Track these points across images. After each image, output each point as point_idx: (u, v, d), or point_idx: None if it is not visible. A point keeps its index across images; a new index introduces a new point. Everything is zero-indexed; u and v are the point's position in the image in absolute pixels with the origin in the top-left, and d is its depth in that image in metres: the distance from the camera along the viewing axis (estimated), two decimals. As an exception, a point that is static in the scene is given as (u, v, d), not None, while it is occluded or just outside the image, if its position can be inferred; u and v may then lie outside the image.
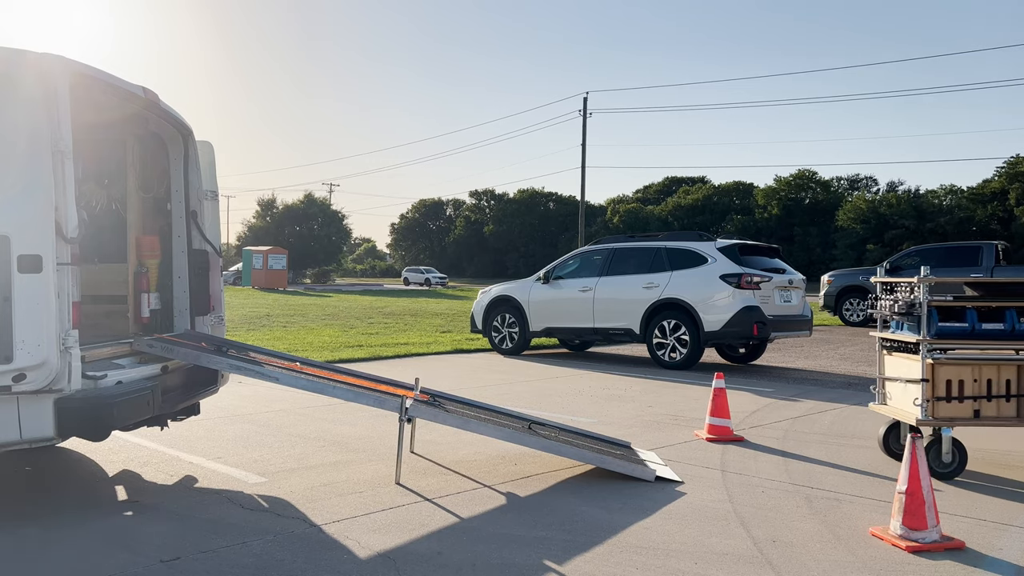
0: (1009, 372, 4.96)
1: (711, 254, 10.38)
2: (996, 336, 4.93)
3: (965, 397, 4.94)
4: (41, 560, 3.48)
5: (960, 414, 4.95)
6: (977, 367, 4.96)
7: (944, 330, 4.92)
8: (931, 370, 4.92)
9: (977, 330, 4.93)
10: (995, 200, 56.32)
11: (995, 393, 4.95)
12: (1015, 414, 4.96)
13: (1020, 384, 4.95)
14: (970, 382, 4.95)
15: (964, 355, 4.96)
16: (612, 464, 4.94)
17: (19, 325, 3.67)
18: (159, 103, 4.96)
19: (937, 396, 4.93)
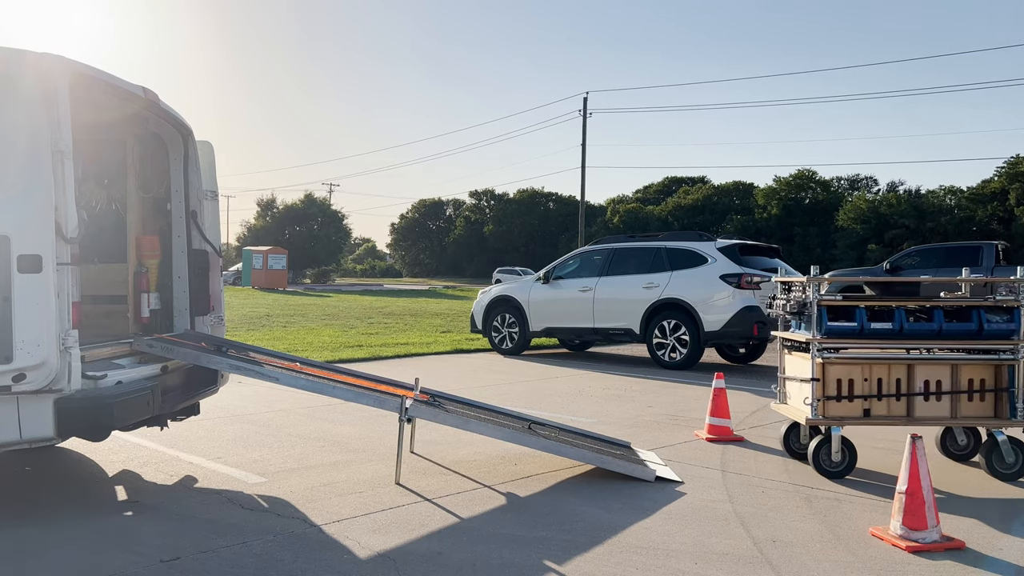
0: (899, 371, 4.96)
1: (711, 254, 10.38)
2: (885, 335, 4.93)
3: (855, 396, 4.95)
4: (41, 560, 3.48)
5: (850, 413, 4.95)
6: (867, 366, 4.96)
7: (833, 329, 4.92)
8: (821, 369, 4.92)
9: (866, 329, 4.93)
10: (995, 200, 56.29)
11: (885, 392, 4.95)
12: (905, 413, 4.97)
13: (911, 383, 4.96)
14: (860, 381, 4.95)
15: (854, 354, 4.96)
16: (612, 464, 4.94)
17: (19, 325, 3.67)
18: (159, 103, 4.96)
19: (827, 395, 4.93)
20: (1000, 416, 4.96)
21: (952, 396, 4.96)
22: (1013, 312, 4.94)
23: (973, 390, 4.96)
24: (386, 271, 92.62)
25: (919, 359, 5.00)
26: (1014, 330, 4.92)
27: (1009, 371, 4.93)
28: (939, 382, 4.97)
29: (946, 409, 4.98)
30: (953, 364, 4.97)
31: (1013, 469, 4.92)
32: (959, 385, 4.96)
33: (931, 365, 4.98)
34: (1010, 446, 4.92)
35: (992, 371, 4.98)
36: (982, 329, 4.91)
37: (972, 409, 4.99)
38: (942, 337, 4.93)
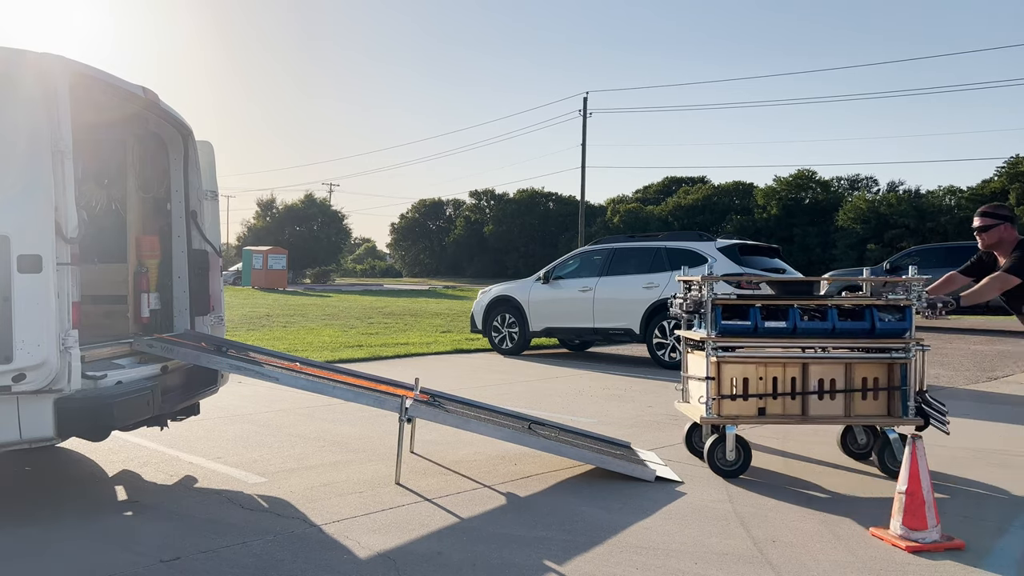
0: (794, 370, 4.95)
1: (711, 254, 10.38)
2: (779, 334, 4.93)
3: (750, 395, 4.95)
4: (41, 560, 3.48)
5: (745, 412, 4.95)
6: (762, 365, 4.96)
7: (728, 328, 4.92)
8: (716, 368, 4.91)
9: (760, 328, 4.92)
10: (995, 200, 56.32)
11: (781, 391, 4.95)
12: (800, 412, 4.97)
13: (806, 382, 4.95)
14: (755, 380, 4.95)
15: (749, 353, 4.95)
16: (612, 464, 4.94)
17: (19, 325, 3.67)
18: (159, 103, 4.96)
19: (722, 394, 4.93)
20: (893, 414, 4.96)
21: (846, 395, 4.96)
22: (905, 311, 4.94)
23: (867, 389, 4.96)
24: (386, 271, 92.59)
25: (813, 358, 4.98)
26: (906, 329, 4.92)
27: (901, 370, 4.93)
28: (833, 381, 4.96)
29: (840, 408, 4.97)
30: (847, 363, 4.96)
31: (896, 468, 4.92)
32: (853, 384, 4.95)
33: (825, 364, 4.97)
34: (901, 444, 4.91)
35: (885, 370, 4.97)
36: (875, 328, 4.91)
37: (866, 408, 4.98)
38: (836, 336, 4.93)
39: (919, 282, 4.97)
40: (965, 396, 8.38)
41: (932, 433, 5.54)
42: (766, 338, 4.95)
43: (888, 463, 4.96)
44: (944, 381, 9.49)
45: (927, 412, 4.97)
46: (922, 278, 5.00)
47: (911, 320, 4.94)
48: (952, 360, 11.61)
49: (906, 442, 3.80)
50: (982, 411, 7.42)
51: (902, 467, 3.77)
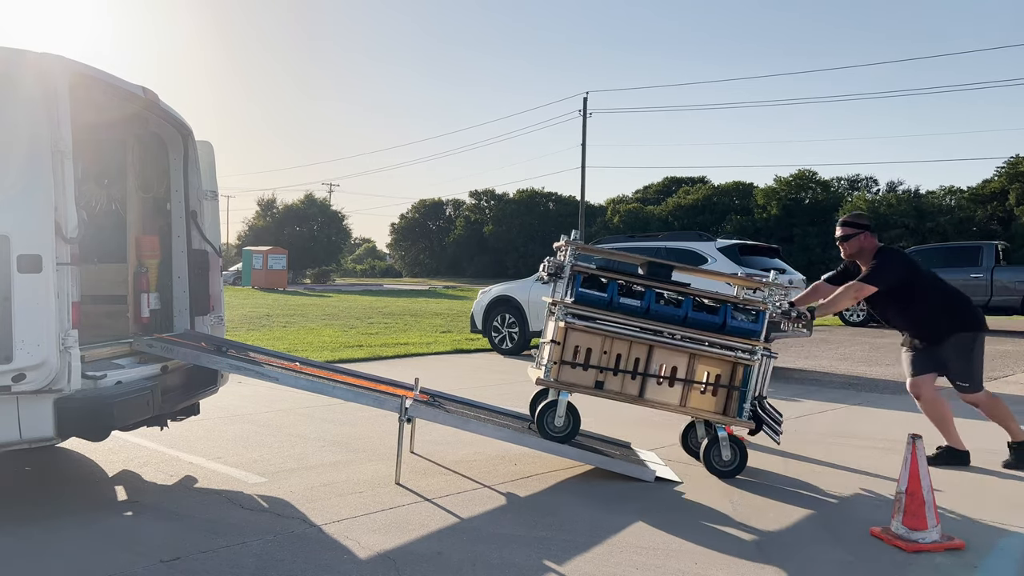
0: (640, 351, 4.93)
1: (711, 254, 10.38)
2: (631, 311, 4.91)
3: (591, 366, 4.92)
4: (41, 560, 3.48)
5: (582, 382, 4.94)
6: (610, 340, 4.92)
7: (583, 296, 4.91)
8: (563, 333, 4.90)
9: (615, 303, 4.91)
10: (995, 200, 56.28)
11: (622, 368, 4.93)
12: (638, 394, 4.95)
13: (649, 364, 4.93)
14: (599, 353, 4.93)
15: (600, 326, 4.92)
16: (612, 464, 4.94)
17: (19, 325, 3.67)
18: (159, 103, 4.96)
19: (564, 360, 4.91)
20: (728, 414, 4.94)
21: (685, 385, 4.94)
22: (759, 314, 4.93)
23: (707, 383, 4.94)
24: (386, 271, 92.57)
25: (660, 342, 4.93)
26: (756, 331, 4.91)
27: (745, 371, 4.90)
28: (675, 368, 4.94)
29: (677, 397, 4.94)
30: (692, 354, 4.93)
31: (730, 467, 4.92)
32: (694, 376, 4.94)
33: (671, 351, 4.94)
34: (729, 443, 4.91)
35: (729, 368, 4.94)
36: (725, 324, 4.90)
37: (702, 402, 4.97)
38: (687, 325, 4.92)
39: (778, 288, 4.94)
40: (965, 396, 8.37)
41: (932, 433, 5.54)
42: (619, 313, 4.91)
43: (714, 461, 4.93)
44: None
45: (762, 418, 4.95)
46: (782, 283, 4.98)
47: (763, 324, 4.90)
48: (952, 360, 11.60)
49: (907, 443, 3.80)
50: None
51: (902, 467, 3.77)
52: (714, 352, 4.92)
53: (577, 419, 4.97)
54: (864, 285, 5.14)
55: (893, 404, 7.85)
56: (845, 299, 5.23)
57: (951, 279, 20.06)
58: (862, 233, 5.25)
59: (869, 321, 18.01)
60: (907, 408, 7.61)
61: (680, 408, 4.97)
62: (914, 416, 7.17)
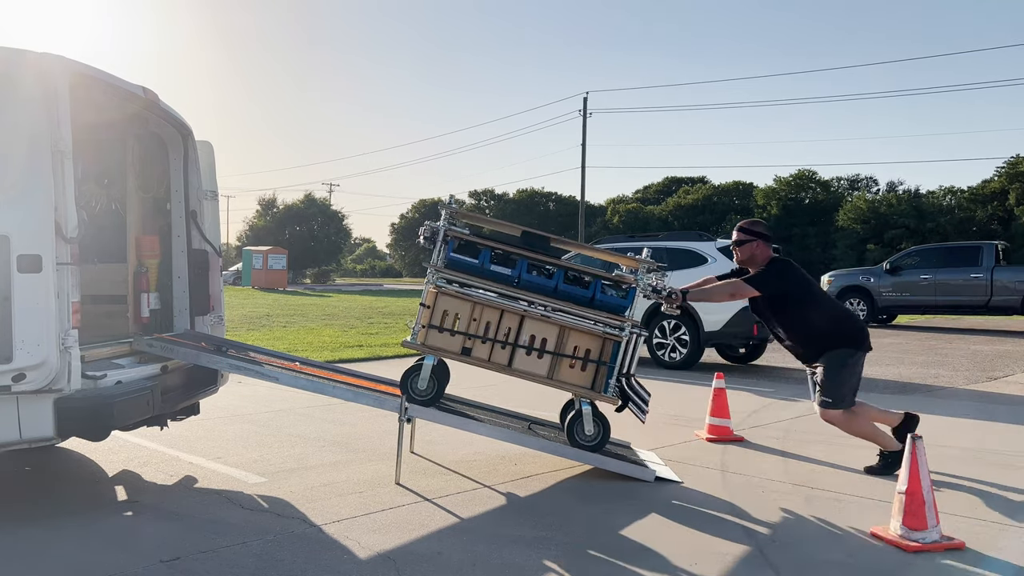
0: (511, 321, 4.89)
1: (711, 254, 10.38)
2: (503, 280, 4.89)
3: (458, 332, 4.90)
4: (41, 560, 3.48)
5: (449, 347, 4.91)
6: (480, 307, 4.90)
7: (455, 260, 4.90)
8: (433, 297, 4.89)
9: (486, 269, 4.89)
10: (995, 200, 56.28)
11: (491, 336, 4.89)
12: (507, 363, 4.90)
13: (519, 335, 4.89)
14: (468, 319, 4.90)
15: (470, 292, 4.89)
16: (612, 464, 4.94)
17: (19, 325, 3.67)
18: (159, 103, 4.96)
19: (432, 324, 4.89)
20: (596, 389, 4.90)
21: (554, 358, 4.89)
22: (630, 291, 4.90)
23: (576, 357, 4.90)
24: (386, 271, 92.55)
25: (531, 313, 4.89)
26: (625, 307, 4.88)
27: (614, 347, 4.86)
28: (544, 340, 4.90)
29: (545, 369, 4.90)
30: (562, 327, 4.89)
31: (592, 442, 4.90)
32: (563, 349, 4.89)
33: (542, 323, 4.89)
34: (592, 418, 4.90)
35: (599, 343, 4.90)
36: (594, 299, 4.88)
37: (570, 376, 4.92)
38: (557, 297, 4.88)
39: (649, 264, 4.91)
40: (965, 396, 8.38)
41: (932, 433, 5.56)
42: (491, 281, 4.88)
43: (577, 435, 4.91)
44: (944, 381, 9.49)
45: (628, 395, 4.92)
46: (652, 262, 4.94)
47: (632, 300, 4.88)
48: (952, 360, 11.61)
49: (906, 443, 3.80)
50: (982, 411, 7.42)
51: (902, 467, 3.77)
52: (584, 326, 4.87)
53: (441, 383, 4.94)
54: (744, 285, 5.13)
55: (893, 404, 7.83)
56: (721, 293, 5.25)
57: (951, 279, 19.94)
58: (756, 241, 5.20)
59: (869, 321, 18.01)
60: (907, 408, 7.61)
61: (548, 380, 4.91)
62: (914, 416, 7.18)
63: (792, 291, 5.13)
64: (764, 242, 5.22)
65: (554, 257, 4.98)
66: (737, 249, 5.27)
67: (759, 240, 5.21)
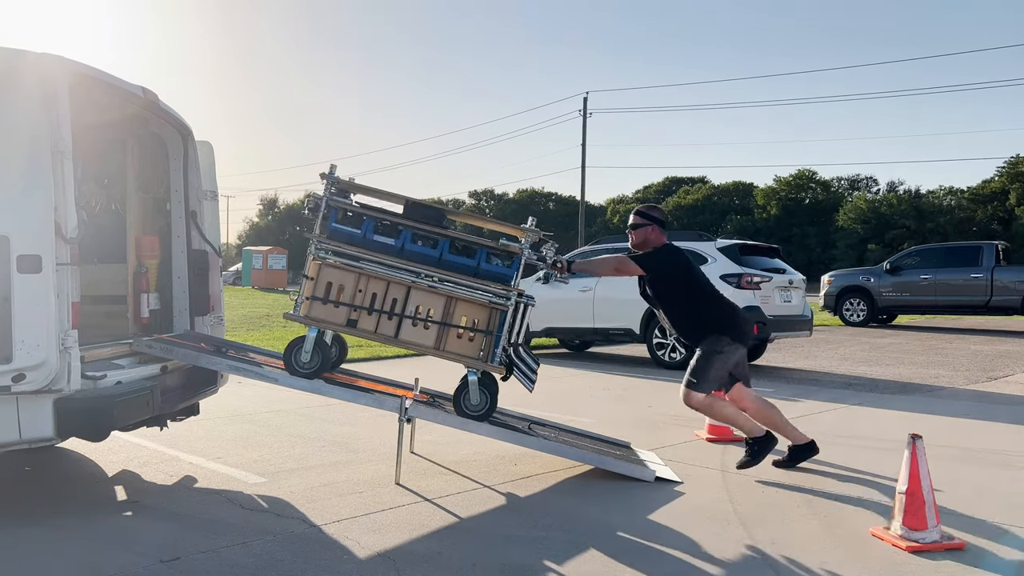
0: (398, 291, 4.84)
1: (711, 254, 10.38)
2: (387, 250, 4.84)
3: (342, 304, 4.84)
4: (41, 560, 3.48)
5: (333, 319, 4.85)
6: (366, 278, 4.84)
7: (337, 231, 4.85)
8: (316, 269, 4.85)
9: (369, 240, 4.85)
10: (995, 200, 56.32)
11: (378, 308, 4.84)
12: (394, 334, 4.86)
13: (406, 306, 4.84)
14: (354, 291, 4.84)
15: (355, 263, 4.83)
16: (612, 464, 4.94)
17: (18, 325, 3.67)
18: (159, 103, 4.96)
19: (316, 296, 4.84)
20: (484, 359, 4.86)
21: (441, 328, 4.86)
22: (515, 260, 4.86)
23: (463, 327, 4.87)
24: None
25: (419, 284, 4.84)
26: (510, 276, 4.83)
27: (500, 316, 4.82)
28: (431, 311, 4.86)
29: (432, 339, 4.87)
30: (449, 297, 4.85)
31: (479, 411, 4.87)
32: (451, 319, 4.86)
33: (428, 293, 4.84)
34: (479, 388, 4.87)
35: (486, 313, 4.86)
36: (480, 268, 4.85)
37: (458, 346, 4.88)
38: (442, 267, 4.83)
39: (535, 233, 4.86)
40: (965, 396, 8.38)
41: (932, 433, 5.55)
42: (374, 251, 4.84)
43: (464, 405, 4.89)
44: (944, 381, 9.50)
45: (515, 364, 4.90)
46: (538, 231, 4.88)
47: (518, 269, 4.83)
48: (952, 360, 11.62)
49: (907, 444, 3.80)
50: (982, 411, 7.42)
51: (902, 467, 3.77)
52: (470, 296, 4.83)
53: (325, 354, 4.89)
54: (629, 262, 5.13)
55: (893, 404, 7.85)
56: (605, 266, 5.27)
57: (951, 279, 19.93)
58: (651, 226, 5.18)
59: (869, 321, 18.02)
60: (907, 408, 7.62)
61: (436, 351, 4.87)
62: (914, 416, 7.18)
63: (677, 277, 5.13)
64: (659, 228, 5.20)
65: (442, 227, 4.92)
66: (632, 232, 5.25)
67: (654, 225, 5.19)
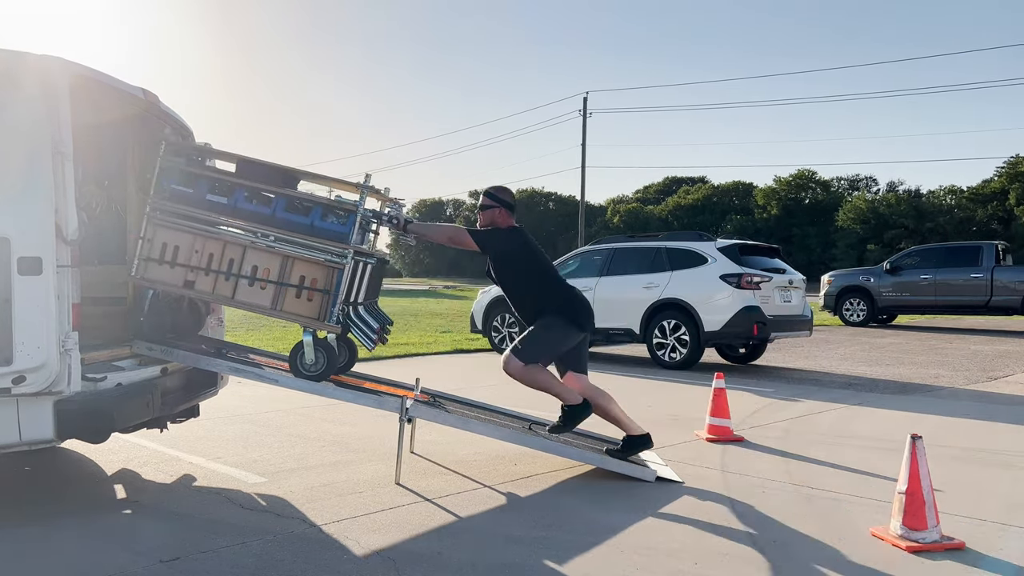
0: (234, 252, 4.78)
1: (711, 254, 10.38)
2: (220, 209, 4.80)
3: (179, 264, 4.80)
4: (41, 560, 3.48)
5: (170, 280, 4.81)
6: (202, 239, 4.80)
7: (174, 192, 4.82)
8: (151, 229, 4.82)
9: (202, 199, 4.82)
10: (995, 200, 56.31)
11: (215, 268, 4.79)
12: (230, 295, 4.80)
13: (243, 266, 4.78)
14: (190, 251, 4.80)
15: (192, 224, 4.79)
16: (613, 464, 4.94)
17: (19, 327, 3.67)
18: (159, 105, 4.96)
19: (151, 257, 4.82)
20: (321, 318, 4.79)
21: (277, 288, 4.79)
22: (349, 217, 4.78)
23: (301, 286, 4.79)
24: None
25: (254, 244, 4.78)
26: (345, 234, 4.76)
27: (338, 275, 4.74)
28: (268, 270, 4.79)
29: (269, 299, 4.79)
30: (285, 256, 4.78)
31: (315, 371, 4.84)
32: (288, 279, 4.79)
33: (265, 253, 4.78)
34: (313, 348, 4.84)
35: (323, 272, 4.78)
36: (314, 225, 4.79)
37: (296, 306, 4.80)
38: (276, 225, 4.77)
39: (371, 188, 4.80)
40: (965, 396, 8.39)
41: (933, 434, 5.57)
42: (208, 211, 4.80)
43: (300, 365, 4.85)
44: (944, 381, 9.50)
45: (352, 323, 4.87)
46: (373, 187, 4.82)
47: (352, 226, 4.75)
48: (952, 360, 11.62)
49: (906, 444, 3.80)
50: (982, 411, 7.42)
51: (902, 467, 3.77)
52: (306, 255, 4.76)
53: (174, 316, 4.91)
54: (464, 233, 5.11)
55: (893, 404, 7.85)
56: (442, 233, 5.24)
57: (951, 279, 19.95)
58: (499, 208, 5.15)
59: (869, 321, 18.02)
60: (907, 408, 7.62)
61: (273, 311, 4.81)
62: (914, 416, 7.19)
63: (515, 259, 5.09)
64: (507, 211, 5.17)
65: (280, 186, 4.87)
66: (480, 214, 5.23)
67: (502, 208, 5.16)
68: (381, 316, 5.19)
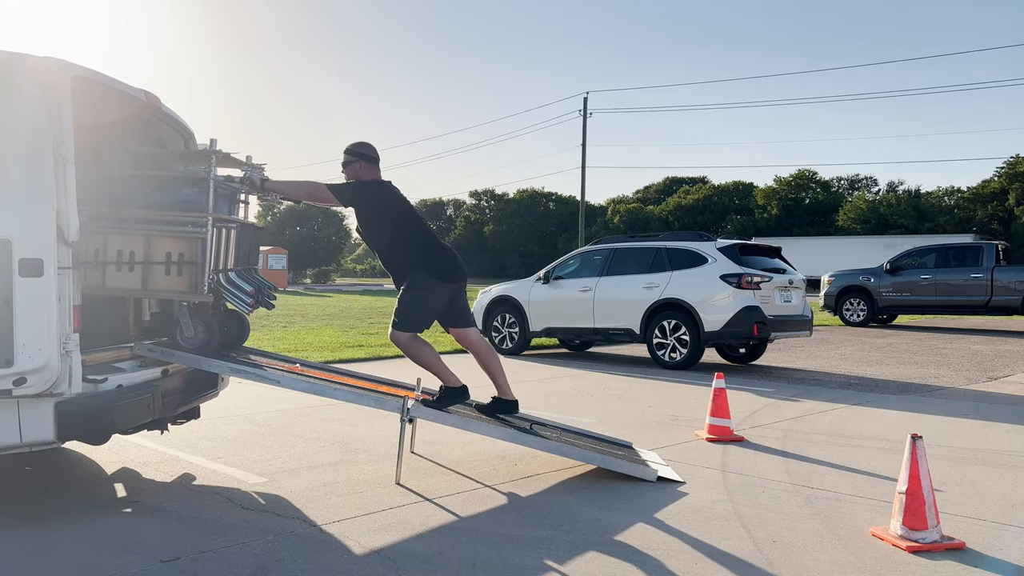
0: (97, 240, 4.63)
1: (711, 254, 10.39)
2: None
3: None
4: (41, 560, 3.49)
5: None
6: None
7: None
8: None
9: None
10: (995, 200, 56.31)
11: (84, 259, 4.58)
12: (101, 284, 4.67)
13: (107, 251, 4.64)
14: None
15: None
16: (614, 464, 4.95)
17: (20, 329, 3.68)
18: (160, 106, 4.97)
19: None
20: (194, 291, 4.71)
21: (145, 267, 4.68)
22: (203, 185, 4.67)
23: (169, 263, 4.69)
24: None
25: (114, 228, 4.66)
26: (202, 204, 4.65)
27: (201, 244, 4.65)
28: (132, 252, 4.69)
29: (138, 281, 4.70)
30: (147, 235, 4.68)
31: (196, 343, 4.83)
32: (153, 257, 4.69)
33: (126, 235, 4.68)
34: (190, 320, 4.83)
35: (187, 244, 4.69)
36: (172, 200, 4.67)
37: (166, 283, 4.71)
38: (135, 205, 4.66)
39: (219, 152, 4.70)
40: (965, 396, 8.39)
41: (932, 433, 5.57)
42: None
43: (181, 340, 4.84)
44: (944, 381, 9.50)
45: (225, 289, 4.84)
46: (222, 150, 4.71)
47: (208, 195, 4.64)
48: (952, 360, 11.62)
49: (907, 445, 3.81)
50: (982, 411, 7.43)
51: (902, 467, 3.78)
52: (168, 231, 4.66)
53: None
54: (324, 188, 5.04)
55: (893, 404, 7.86)
56: (301, 189, 5.13)
57: (951, 279, 19.92)
58: (359, 162, 5.11)
59: (869, 321, 18.02)
60: (907, 408, 7.62)
61: (145, 291, 4.75)
62: (914, 416, 7.19)
63: (377, 211, 5.02)
64: (368, 163, 5.12)
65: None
66: (344, 171, 5.18)
67: (363, 161, 5.11)
68: (257, 280, 5.13)
